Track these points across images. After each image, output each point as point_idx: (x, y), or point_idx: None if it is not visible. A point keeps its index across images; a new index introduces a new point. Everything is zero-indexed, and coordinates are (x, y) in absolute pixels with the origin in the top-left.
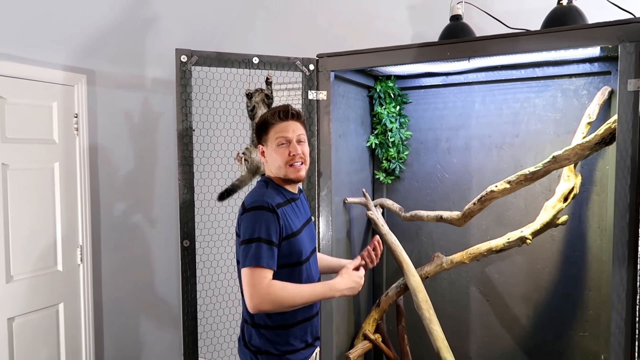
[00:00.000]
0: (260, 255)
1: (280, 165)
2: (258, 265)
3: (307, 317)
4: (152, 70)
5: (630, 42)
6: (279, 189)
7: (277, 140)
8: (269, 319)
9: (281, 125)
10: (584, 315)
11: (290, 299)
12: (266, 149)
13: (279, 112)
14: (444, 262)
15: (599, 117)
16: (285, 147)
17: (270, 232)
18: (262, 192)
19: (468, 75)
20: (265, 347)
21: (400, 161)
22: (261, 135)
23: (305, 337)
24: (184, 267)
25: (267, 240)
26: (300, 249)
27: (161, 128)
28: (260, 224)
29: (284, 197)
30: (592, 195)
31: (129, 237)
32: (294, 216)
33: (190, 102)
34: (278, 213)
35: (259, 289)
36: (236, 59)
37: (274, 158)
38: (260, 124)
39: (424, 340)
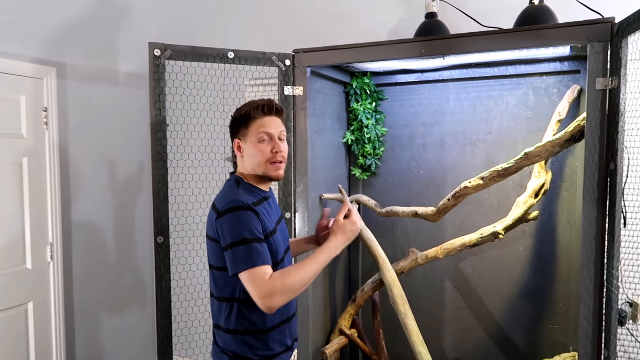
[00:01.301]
0: (252, 255)
1: (259, 162)
2: (254, 265)
3: (285, 319)
4: (124, 63)
5: (599, 41)
6: (250, 188)
7: (259, 135)
8: (246, 323)
9: (264, 120)
10: (554, 308)
11: (298, 280)
12: (244, 144)
13: (263, 105)
14: (419, 257)
15: (568, 114)
16: (267, 143)
17: (254, 229)
18: (234, 192)
19: (443, 73)
20: (243, 352)
21: (376, 157)
22: (239, 129)
23: (284, 340)
24: (157, 263)
25: (253, 238)
26: (276, 248)
27: (134, 123)
28: (240, 224)
29: (257, 197)
30: (562, 191)
31: (101, 233)
32: (267, 215)
33: (163, 97)
34: (256, 211)
35: (264, 288)
36: (211, 54)
37: (252, 154)
38: (240, 117)
39: (399, 335)
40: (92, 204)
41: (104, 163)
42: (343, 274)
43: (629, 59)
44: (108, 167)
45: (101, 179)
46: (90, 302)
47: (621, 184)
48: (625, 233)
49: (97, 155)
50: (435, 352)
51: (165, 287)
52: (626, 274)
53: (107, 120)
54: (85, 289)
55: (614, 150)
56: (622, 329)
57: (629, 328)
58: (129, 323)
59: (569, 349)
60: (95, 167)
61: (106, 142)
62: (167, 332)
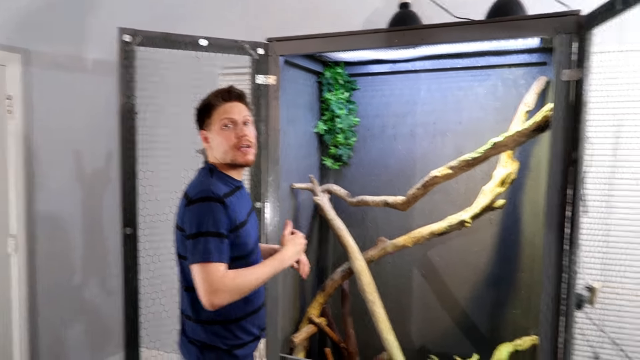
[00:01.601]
0: (210, 250)
1: (226, 150)
2: (209, 260)
3: (254, 310)
4: (93, 50)
5: (566, 33)
6: (224, 177)
7: (222, 122)
8: (215, 314)
9: (225, 106)
10: (517, 294)
11: (248, 283)
12: (210, 134)
13: (222, 92)
14: (388, 246)
15: (535, 105)
16: (231, 129)
17: (218, 224)
18: (208, 181)
19: (415, 63)
20: (212, 342)
21: (347, 147)
22: (203, 120)
23: (252, 330)
24: (125, 255)
25: (216, 233)
26: (246, 240)
27: (103, 111)
28: (207, 216)
29: (230, 186)
30: (528, 180)
31: (67, 225)
32: (240, 206)
33: (133, 84)
34: (226, 203)
35: (212, 284)
36: (183, 41)
37: (218, 142)
38: (202, 108)
39: (367, 322)
40: (58, 195)
41: (71, 152)
42: (313, 263)
43: (594, 50)
44: (75, 156)
45: (67, 168)
46: (54, 295)
47: (583, 173)
48: (586, 221)
49: (64, 144)
50: (403, 339)
51: (133, 278)
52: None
53: (74, 108)
54: (50, 282)
55: (577, 140)
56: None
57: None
58: (95, 315)
59: (530, 333)
60: (62, 157)
61: (73, 131)
62: (134, 324)
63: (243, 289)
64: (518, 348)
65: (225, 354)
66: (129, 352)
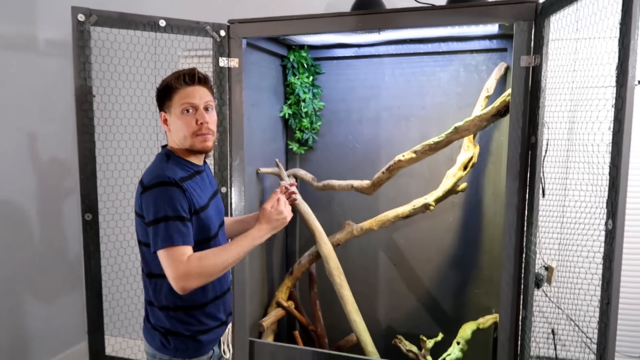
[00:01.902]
0: (172, 234)
1: (185, 135)
2: (173, 244)
3: (218, 295)
4: (45, 29)
5: (524, 20)
6: (181, 162)
7: (182, 106)
8: (178, 300)
9: (187, 90)
10: (479, 274)
11: (216, 264)
12: (169, 117)
13: (184, 75)
14: (354, 229)
15: (496, 91)
16: (192, 114)
17: (177, 207)
18: (163, 166)
19: (379, 48)
20: (175, 328)
21: (313, 132)
22: (163, 101)
23: (218, 315)
24: (86, 241)
25: (176, 217)
26: (208, 224)
27: (57, 94)
28: (164, 201)
29: (188, 171)
30: (489, 164)
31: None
32: (199, 190)
33: (89, 66)
34: (183, 187)
35: (180, 269)
36: (141, 21)
37: (178, 127)
38: (163, 89)
39: (335, 305)
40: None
41: (25, 137)
42: (280, 247)
43: (551, 38)
44: (29, 140)
45: (21, 153)
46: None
47: (541, 156)
48: (543, 202)
49: (16, 129)
50: (370, 320)
51: (95, 265)
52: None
53: (26, 91)
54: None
55: (535, 124)
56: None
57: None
58: (56, 304)
59: (492, 311)
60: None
61: (26, 114)
62: (98, 312)
63: (212, 271)
64: (481, 326)
65: (189, 339)
66: (93, 340)
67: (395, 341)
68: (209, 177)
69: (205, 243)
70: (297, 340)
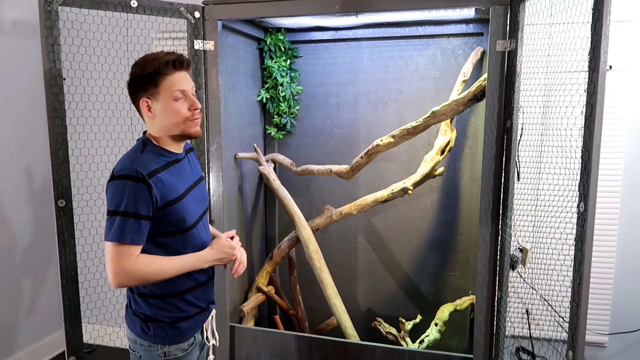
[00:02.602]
0: (124, 230)
1: (178, 122)
2: (122, 241)
3: (199, 283)
4: (9, 10)
5: (500, 5)
6: (159, 151)
7: (174, 93)
8: (155, 288)
9: (175, 75)
10: (456, 257)
11: (157, 273)
12: (155, 104)
13: (174, 61)
14: (334, 214)
15: (472, 75)
16: (183, 101)
17: (138, 204)
18: (134, 157)
19: (357, 31)
20: (155, 315)
21: (291, 116)
22: (146, 87)
23: (198, 303)
24: (60, 228)
25: (133, 214)
26: (182, 216)
27: (26, 77)
28: (126, 196)
29: (164, 161)
30: (465, 148)
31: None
32: (176, 180)
33: (58, 48)
34: (150, 183)
35: (122, 266)
36: (111, 1)
37: (168, 114)
38: (148, 74)
39: (315, 289)
40: None
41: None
42: (260, 232)
43: (526, 23)
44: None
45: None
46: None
47: (516, 141)
48: (518, 186)
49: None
50: (350, 304)
51: (70, 252)
52: (518, 223)
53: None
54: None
55: (510, 109)
56: (514, 272)
57: (519, 271)
58: (31, 293)
59: (469, 293)
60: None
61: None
62: (75, 299)
63: (152, 278)
64: (458, 308)
65: (169, 326)
66: (70, 328)
67: (375, 324)
68: (192, 165)
69: (180, 234)
70: (278, 325)
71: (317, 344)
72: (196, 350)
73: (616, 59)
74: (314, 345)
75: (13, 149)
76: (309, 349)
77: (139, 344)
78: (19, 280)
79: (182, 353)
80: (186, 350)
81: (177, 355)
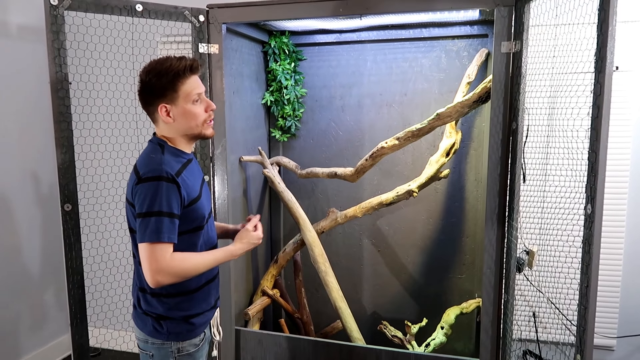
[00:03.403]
0: (162, 229)
1: (197, 124)
2: (160, 240)
3: (209, 280)
4: (16, 15)
5: (505, 6)
6: (175, 152)
7: (193, 97)
8: (171, 287)
9: (192, 79)
10: (462, 259)
11: (193, 269)
12: (174, 109)
13: (190, 66)
14: (339, 216)
15: (477, 77)
16: (200, 103)
17: (171, 204)
18: (159, 159)
19: (361, 34)
20: (167, 313)
21: (295, 119)
22: (165, 93)
23: (209, 299)
24: (66, 232)
25: (168, 213)
26: (202, 213)
27: (32, 81)
28: (159, 196)
29: (182, 161)
30: (470, 150)
31: (1, 202)
32: (193, 180)
33: (64, 52)
34: (178, 183)
35: (161, 264)
36: (117, 5)
37: (189, 117)
38: (167, 80)
39: (320, 292)
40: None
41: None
42: (265, 235)
43: (531, 24)
44: (4, 130)
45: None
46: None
47: (521, 142)
48: (524, 188)
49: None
50: (355, 307)
51: (76, 256)
52: (524, 225)
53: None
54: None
55: (515, 111)
56: (520, 275)
57: (526, 274)
58: (37, 297)
59: (475, 296)
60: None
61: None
62: (81, 303)
63: (188, 273)
64: (464, 311)
65: (183, 322)
66: (76, 332)
67: (381, 327)
68: (197, 165)
69: (198, 231)
70: (283, 328)
71: (322, 348)
72: (206, 346)
73: (622, 60)
74: (320, 349)
75: (19, 153)
76: (315, 353)
77: (150, 343)
78: (25, 284)
79: (194, 348)
80: (198, 345)
81: (190, 350)
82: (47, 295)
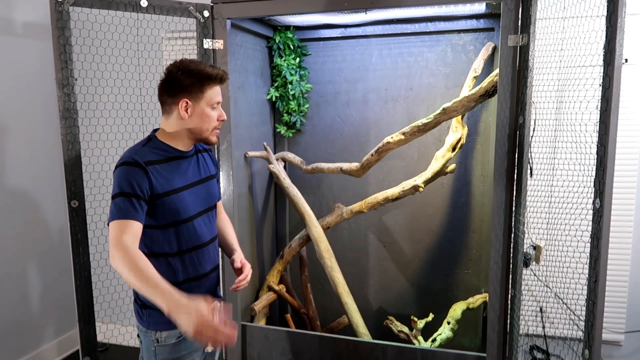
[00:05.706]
0: (122, 208)
1: (208, 128)
2: (119, 218)
3: (193, 277)
4: (22, 11)
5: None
6: (161, 146)
7: (213, 103)
8: None
9: (217, 88)
10: (468, 254)
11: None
12: (194, 106)
13: (222, 76)
14: (344, 212)
15: (483, 71)
16: (215, 111)
17: (133, 185)
18: (134, 149)
19: (366, 28)
20: (147, 302)
21: (300, 114)
22: (191, 89)
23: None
24: (73, 229)
25: (132, 194)
26: (177, 207)
27: (38, 78)
28: (122, 178)
29: (163, 155)
30: (477, 145)
31: (9, 200)
32: (173, 174)
33: (70, 48)
34: (145, 168)
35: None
36: (121, 1)
37: (204, 118)
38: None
39: (326, 288)
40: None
41: (8, 122)
42: (270, 231)
43: (538, 17)
44: (12, 126)
45: (4, 139)
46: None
47: (528, 137)
48: (531, 182)
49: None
50: (361, 302)
51: (84, 252)
52: (531, 220)
53: (4, 76)
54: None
55: (522, 105)
56: (527, 270)
57: (533, 269)
58: (45, 293)
59: (481, 291)
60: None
61: (7, 100)
62: (88, 299)
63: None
64: (471, 306)
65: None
66: (84, 328)
67: (387, 322)
68: (201, 164)
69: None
70: (289, 323)
71: (328, 343)
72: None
73: (631, 53)
74: (326, 344)
75: (25, 149)
76: (321, 348)
77: (140, 329)
78: (33, 280)
79: (175, 340)
80: (180, 337)
81: (170, 342)
82: (55, 291)
